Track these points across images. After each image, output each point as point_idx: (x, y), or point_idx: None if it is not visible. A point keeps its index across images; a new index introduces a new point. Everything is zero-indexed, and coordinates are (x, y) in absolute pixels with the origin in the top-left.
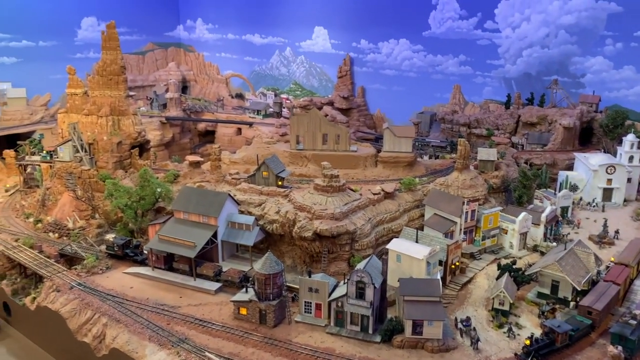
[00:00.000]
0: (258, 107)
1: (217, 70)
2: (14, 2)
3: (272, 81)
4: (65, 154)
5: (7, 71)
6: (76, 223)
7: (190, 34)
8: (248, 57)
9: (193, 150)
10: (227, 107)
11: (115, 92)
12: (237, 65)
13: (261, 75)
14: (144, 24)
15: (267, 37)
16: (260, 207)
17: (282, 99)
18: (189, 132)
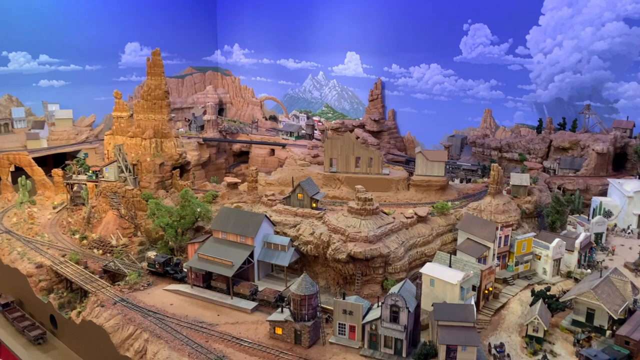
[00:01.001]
0: (291, 129)
1: (252, 93)
2: (64, 29)
3: (304, 104)
4: (111, 174)
5: (56, 93)
6: (119, 240)
7: (228, 59)
8: (282, 81)
9: (228, 170)
10: (261, 128)
11: (159, 116)
12: (271, 88)
13: (294, 98)
14: (184, 49)
15: (301, 61)
16: (295, 229)
17: (314, 121)
18: (224, 152)
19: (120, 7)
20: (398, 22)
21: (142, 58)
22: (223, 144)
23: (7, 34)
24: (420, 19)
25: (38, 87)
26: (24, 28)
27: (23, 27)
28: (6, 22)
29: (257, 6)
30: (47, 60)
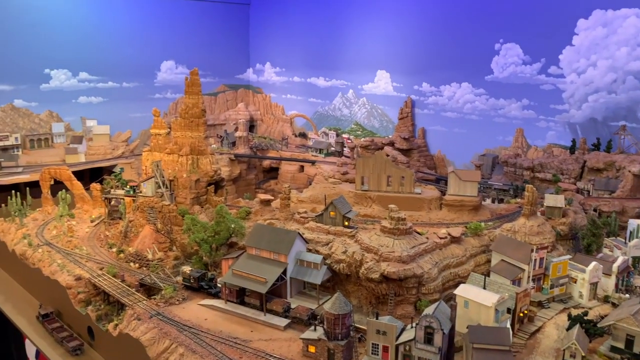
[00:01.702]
0: (320, 146)
1: (282, 110)
2: (103, 48)
3: (334, 121)
4: (148, 190)
5: (94, 109)
6: (155, 255)
7: (259, 77)
8: (312, 99)
9: (257, 186)
10: (290, 145)
11: (196, 134)
12: (302, 106)
13: (324, 115)
14: (217, 67)
15: (331, 80)
16: (328, 247)
17: (344, 138)
18: (255, 168)
19: (157, 27)
20: (429, 41)
21: (177, 76)
22: (253, 160)
23: (50, 53)
24: (451, 38)
25: (77, 103)
26: (66, 47)
27: (65, 47)
28: (50, 41)
29: (289, 26)
30: (86, 78)
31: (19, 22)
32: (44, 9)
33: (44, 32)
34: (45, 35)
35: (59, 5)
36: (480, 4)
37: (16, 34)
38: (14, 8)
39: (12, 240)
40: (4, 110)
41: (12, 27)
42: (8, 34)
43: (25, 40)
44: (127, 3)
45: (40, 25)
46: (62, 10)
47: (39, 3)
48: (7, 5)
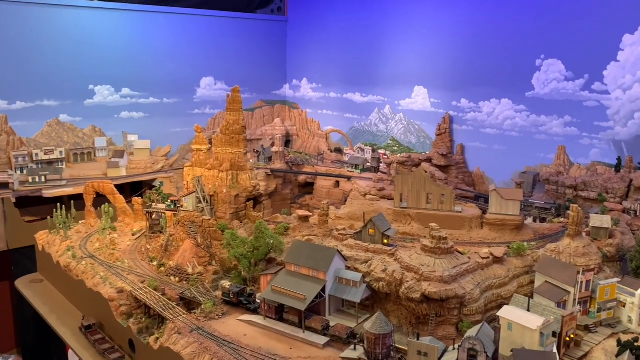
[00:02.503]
0: (356, 161)
1: (318, 125)
2: (146, 65)
3: (370, 137)
4: (189, 204)
5: (136, 124)
6: (195, 269)
7: (296, 93)
8: (348, 114)
9: (293, 201)
10: (326, 160)
11: (236, 149)
12: (337, 121)
13: (360, 131)
14: (255, 83)
15: (368, 95)
16: (367, 265)
17: (380, 154)
18: (290, 183)
19: (197, 44)
20: (468, 57)
21: (215, 92)
22: (289, 175)
23: (94, 70)
24: (490, 54)
25: (119, 118)
26: (110, 64)
27: (109, 63)
28: (94, 58)
29: (326, 42)
30: (128, 94)
31: (66, 40)
32: (89, 27)
33: (88, 50)
34: (90, 53)
35: (103, 23)
36: (520, 20)
37: (63, 51)
38: (61, 26)
39: (57, 252)
40: (50, 125)
41: (59, 44)
42: (55, 51)
43: (71, 57)
44: (168, 21)
45: (85, 42)
46: (106, 27)
47: (84, 21)
48: (55, 23)
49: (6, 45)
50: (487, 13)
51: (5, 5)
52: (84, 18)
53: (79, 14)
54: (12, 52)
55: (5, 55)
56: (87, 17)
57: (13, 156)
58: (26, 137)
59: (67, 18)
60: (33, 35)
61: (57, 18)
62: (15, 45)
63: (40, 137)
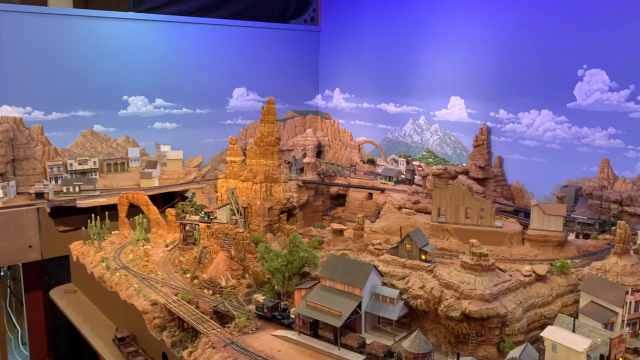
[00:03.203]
0: (390, 173)
1: (350, 136)
2: (179, 76)
3: (404, 148)
4: (223, 216)
5: (168, 135)
6: (228, 282)
7: (328, 103)
8: (382, 125)
9: (324, 213)
10: (359, 172)
11: (270, 161)
12: (370, 132)
13: (393, 142)
14: (286, 94)
15: (402, 106)
16: (404, 281)
17: (414, 166)
18: (322, 195)
19: (230, 54)
20: (506, 66)
21: (248, 102)
22: (321, 187)
23: (128, 80)
24: (530, 63)
25: (152, 129)
26: (144, 75)
27: (143, 74)
28: (128, 69)
29: (359, 52)
30: (162, 104)
31: (101, 51)
32: (124, 38)
33: (123, 61)
34: (125, 64)
35: (138, 35)
36: (561, 29)
37: (98, 62)
38: (97, 37)
39: (91, 263)
40: (85, 135)
41: (95, 56)
42: (91, 63)
43: (106, 68)
44: (201, 31)
45: (120, 54)
46: (141, 39)
47: (119, 33)
48: (91, 34)
49: (43, 57)
50: (527, 21)
51: (41, 18)
52: (119, 29)
53: (114, 25)
54: (49, 63)
55: (42, 67)
56: (122, 28)
57: (48, 166)
58: (61, 147)
59: (102, 29)
60: (70, 46)
61: (93, 29)
62: (52, 56)
63: (75, 147)
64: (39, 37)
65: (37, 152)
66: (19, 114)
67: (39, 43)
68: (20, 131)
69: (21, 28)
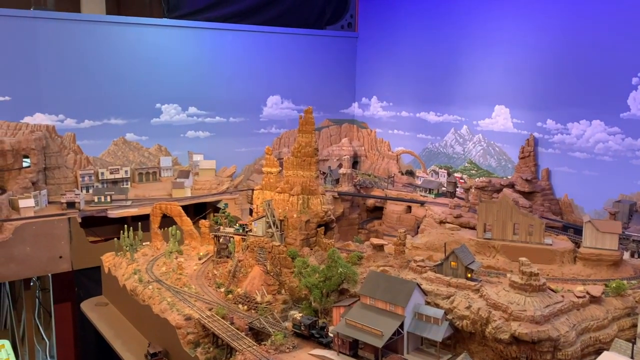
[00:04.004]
0: (430, 185)
1: (388, 146)
2: (212, 84)
3: (445, 159)
4: (259, 229)
5: (201, 144)
6: (264, 297)
7: (365, 111)
8: (421, 135)
9: (361, 226)
10: (397, 184)
11: (307, 173)
12: (409, 142)
13: (434, 152)
14: (322, 102)
15: (443, 115)
16: (449, 300)
17: (456, 178)
18: (358, 207)
19: (265, 61)
20: (554, 74)
21: (282, 111)
22: (357, 199)
23: (162, 88)
24: (580, 71)
25: (185, 137)
26: (178, 82)
27: (177, 82)
28: (162, 77)
29: (398, 58)
30: (195, 113)
31: (134, 58)
32: (158, 45)
33: (157, 68)
34: (158, 71)
35: (171, 42)
36: (614, 34)
37: (131, 69)
38: (130, 44)
39: (123, 275)
40: (117, 143)
41: (128, 63)
42: (124, 70)
43: (140, 76)
44: (236, 38)
45: (153, 61)
46: (175, 46)
47: (153, 39)
48: (125, 41)
49: (76, 64)
50: (577, 25)
51: (75, 24)
52: (153, 36)
53: (148, 32)
54: (82, 70)
55: (75, 74)
56: (156, 35)
57: (79, 175)
58: (93, 155)
59: (136, 36)
60: (103, 53)
61: (127, 36)
62: (85, 63)
63: (107, 155)
64: (73, 44)
65: (68, 160)
66: (52, 122)
67: (73, 50)
68: (52, 139)
69: (55, 35)
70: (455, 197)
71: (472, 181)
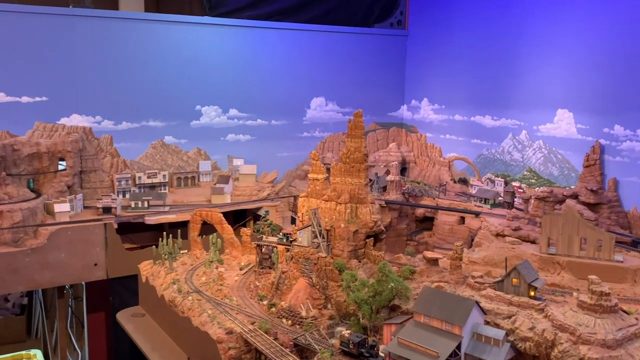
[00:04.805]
0: (486, 195)
1: (439, 152)
2: (254, 85)
3: (501, 166)
4: (304, 239)
5: (241, 148)
6: (309, 312)
7: (414, 114)
8: (476, 140)
9: (409, 238)
10: (449, 192)
11: (356, 180)
12: (463, 147)
13: (489, 159)
14: (368, 104)
15: (500, 119)
16: (510, 320)
17: (514, 187)
18: (406, 217)
19: (309, 61)
20: (623, 76)
21: (326, 113)
22: (405, 208)
23: (202, 89)
24: None
25: (225, 141)
26: (219, 83)
27: (217, 83)
28: (202, 77)
29: (451, 58)
30: (236, 115)
31: (174, 58)
32: (199, 44)
33: (197, 68)
34: (199, 72)
35: (213, 41)
36: None
37: (171, 69)
38: (170, 43)
39: (161, 285)
40: (155, 147)
41: (168, 63)
42: (163, 70)
43: (180, 76)
44: (279, 37)
45: (194, 61)
46: (216, 45)
47: (194, 38)
48: (164, 40)
49: (114, 63)
50: None
51: (113, 22)
52: (194, 34)
53: (188, 30)
54: (120, 70)
55: (113, 74)
56: (197, 33)
57: (116, 179)
58: (129, 159)
59: (176, 35)
60: (141, 52)
61: (166, 35)
62: (123, 63)
63: (144, 159)
64: (110, 43)
65: (105, 163)
66: (89, 123)
67: (110, 49)
68: (89, 141)
69: (93, 33)
70: (513, 208)
71: (531, 191)
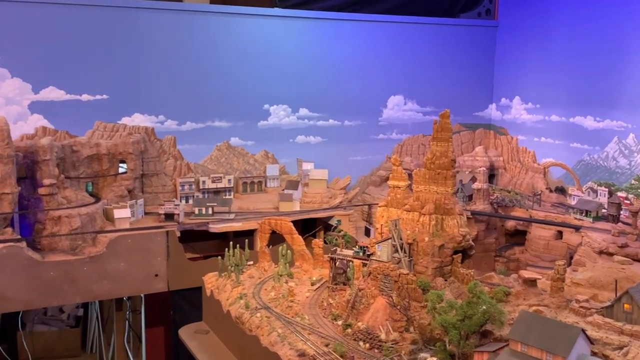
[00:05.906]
0: (587, 206)
1: (533, 157)
2: (326, 82)
3: (605, 174)
4: (383, 253)
5: (311, 151)
6: (389, 335)
7: (504, 115)
8: (575, 144)
9: (498, 253)
10: (544, 203)
11: (442, 188)
12: (560, 152)
13: (591, 166)
14: (452, 103)
15: (604, 120)
16: (622, 352)
17: (620, 198)
18: (495, 230)
19: (386, 56)
20: None
21: (404, 113)
22: (493, 220)
23: (271, 87)
24: None
25: (294, 143)
26: (288, 81)
27: (287, 80)
28: (271, 75)
29: (547, 51)
30: (306, 115)
31: (241, 54)
32: (267, 39)
33: (266, 65)
34: (268, 68)
35: (283, 35)
36: None
37: (238, 66)
38: (237, 38)
39: (227, 300)
40: (220, 149)
41: (234, 59)
42: (230, 67)
43: (247, 73)
44: (355, 29)
45: (262, 57)
46: (286, 39)
47: (262, 32)
48: (231, 35)
49: (178, 59)
50: None
51: (177, 15)
52: (263, 28)
53: (256, 24)
54: (184, 66)
55: (177, 70)
56: (266, 27)
57: (179, 183)
58: (193, 162)
59: (243, 29)
60: (206, 48)
61: (232, 29)
62: (187, 58)
63: (209, 162)
64: (174, 37)
65: (168, 166)
66: (151, 124)
67: (174, 44)
68: (151, 143)
69: (156, 28)
70: (619, 221)
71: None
